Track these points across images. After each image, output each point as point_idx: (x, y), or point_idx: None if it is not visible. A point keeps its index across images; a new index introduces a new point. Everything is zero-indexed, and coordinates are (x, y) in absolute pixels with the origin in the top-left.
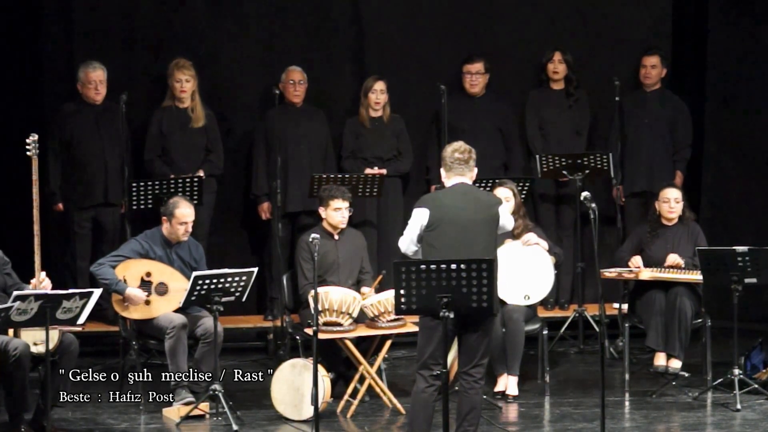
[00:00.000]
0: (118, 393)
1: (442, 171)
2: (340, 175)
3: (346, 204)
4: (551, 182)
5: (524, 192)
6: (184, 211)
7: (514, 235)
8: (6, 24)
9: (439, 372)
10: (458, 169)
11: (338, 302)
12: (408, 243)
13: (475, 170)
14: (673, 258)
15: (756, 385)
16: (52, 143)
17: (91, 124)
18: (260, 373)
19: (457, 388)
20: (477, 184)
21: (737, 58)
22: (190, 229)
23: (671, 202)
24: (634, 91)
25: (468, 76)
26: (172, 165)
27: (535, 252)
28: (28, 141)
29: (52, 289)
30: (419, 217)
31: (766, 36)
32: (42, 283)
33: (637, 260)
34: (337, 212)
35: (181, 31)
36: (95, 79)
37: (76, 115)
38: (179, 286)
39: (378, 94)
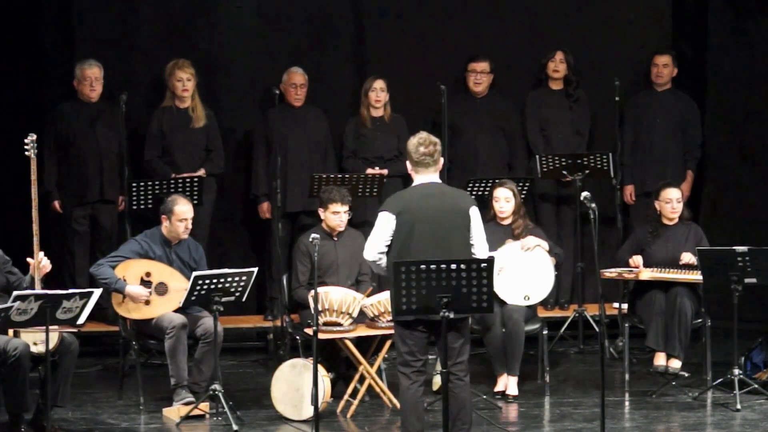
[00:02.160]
0: (118, 393)
1: (408, 164)
2: (340, 175)
3: (345, 208)
4: (551, 182)
5: (524, 192)
6: (183, 208)
7: (515, 235)
8: (6, 24)
9: (421, 368)
10: (424, 166)
11: (338, 302)
12: (374, 252)
13: (441, 161)
14: (688, 257)
15: (756, 385)
16: (48, 141)
17: (87, 121)
18: (260, 373)
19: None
20: (478, 184)
21: (737, 58)
22: (189, 227)
23: (673, 203)
24: (644, 90)
25: (473, 74)
26: (173, 165)
27: (535, 252)
28: (26, 141)
29: (52, 288)
30: (386, 222)
31: (765, 35)
32: (41, 263)
33: (637, 259)
34: (335, 216)
35: (181, 30)
36: (91, 76)
37: (72, 112)
38: (179, 286)
39: (378, 93)
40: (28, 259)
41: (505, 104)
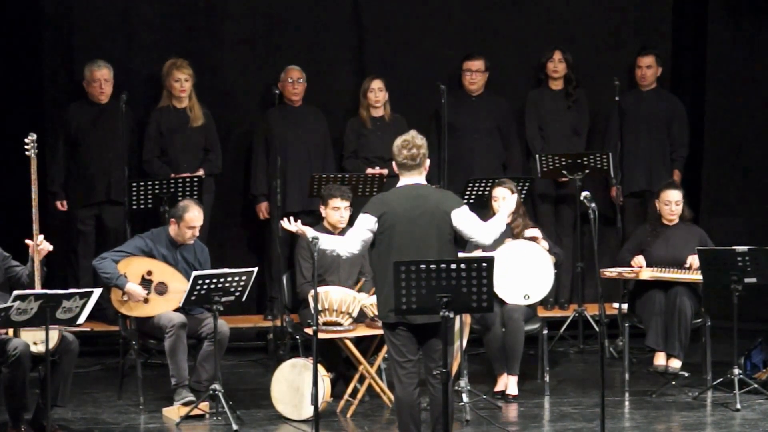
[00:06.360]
0: (117, 393)
1: (394, 165)
2: (339, 175)
3: (346, 204)
4: (551, 182)
5: (524, 192)
6: (194, 215)
7: (514, 234)
8: (6, 23)
9: (412, 369)
10: (407, 169)
11: (338, 302)
12: (344, 252)
13: (428, 162)
14: (693, 258)
15: (756, 385)
16: (56, 141)
17: (95, 122)
18: (260, 373)
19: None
20: (478, 184)
21: (737, 58)
22: (197, 234)
23: (672, 205)
24: (630, 90)
25: (468, 73)
26: (171, 165)
27: (535, 252)
28: (27, 141)
29: (55, 287)
30: (365, 223)
31: (766, 35)
32: (40, 246)
33: (639, 260)
34: (335, 212)
35: (181, 30)
36: (100, 78)
37: (80, 113)
38: (179, 287)
39: (376, 93)
40: (27, 241)
41: (501, 104)
